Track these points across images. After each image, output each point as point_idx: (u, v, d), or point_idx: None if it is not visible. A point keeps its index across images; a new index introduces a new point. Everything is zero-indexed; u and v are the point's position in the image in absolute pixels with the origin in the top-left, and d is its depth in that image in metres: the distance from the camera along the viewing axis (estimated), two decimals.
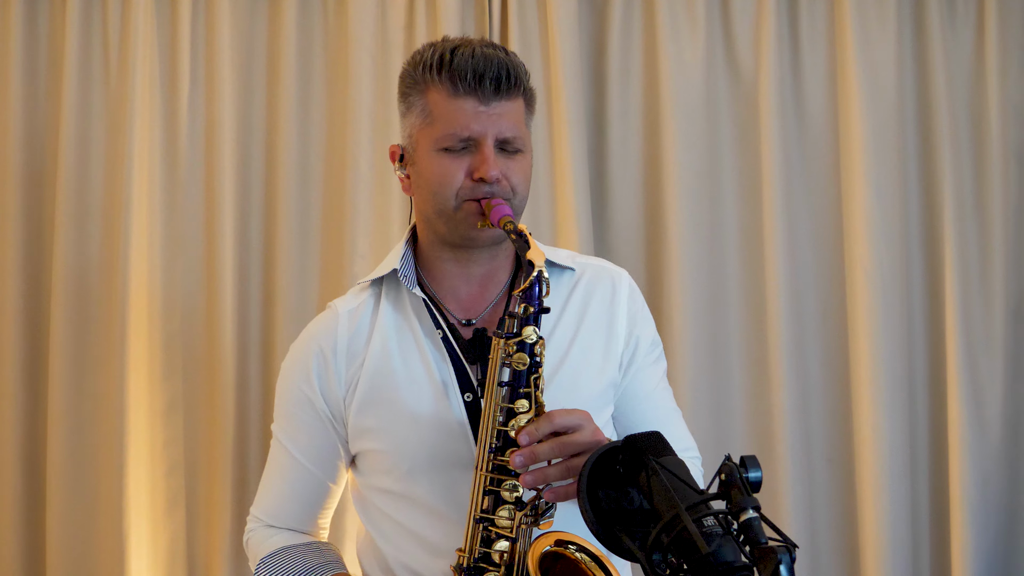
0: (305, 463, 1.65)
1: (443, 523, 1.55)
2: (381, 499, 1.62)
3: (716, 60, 2.64)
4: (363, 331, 1.62)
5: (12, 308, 2.50)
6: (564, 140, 2.52)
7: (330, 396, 1.61)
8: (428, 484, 1.56)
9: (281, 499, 1.69)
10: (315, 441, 1.64)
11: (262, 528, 1.70)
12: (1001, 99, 2.65)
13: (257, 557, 1.66)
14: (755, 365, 2.61)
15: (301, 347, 1.66)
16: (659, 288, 2.60)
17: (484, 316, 1.62)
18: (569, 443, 1.37)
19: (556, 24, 2.54)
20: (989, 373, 2.64)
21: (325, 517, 1.71)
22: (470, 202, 1.53)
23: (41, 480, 2.50)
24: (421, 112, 1.55)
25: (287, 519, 1.69)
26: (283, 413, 1.67)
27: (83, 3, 2.52)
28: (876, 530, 2.53)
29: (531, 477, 1.38)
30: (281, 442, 1.66)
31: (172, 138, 2.54)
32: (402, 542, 1.60)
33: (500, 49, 1.55)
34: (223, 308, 2.50)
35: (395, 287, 1.64)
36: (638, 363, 1.67)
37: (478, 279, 1.63)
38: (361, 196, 2.51)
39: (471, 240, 1.57)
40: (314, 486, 1.66)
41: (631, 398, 1.66)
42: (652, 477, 1.22)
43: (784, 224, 2.58)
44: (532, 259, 1.45)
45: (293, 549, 1.65)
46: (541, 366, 1.45)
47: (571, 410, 1.41)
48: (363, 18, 2.54)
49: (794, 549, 1.09)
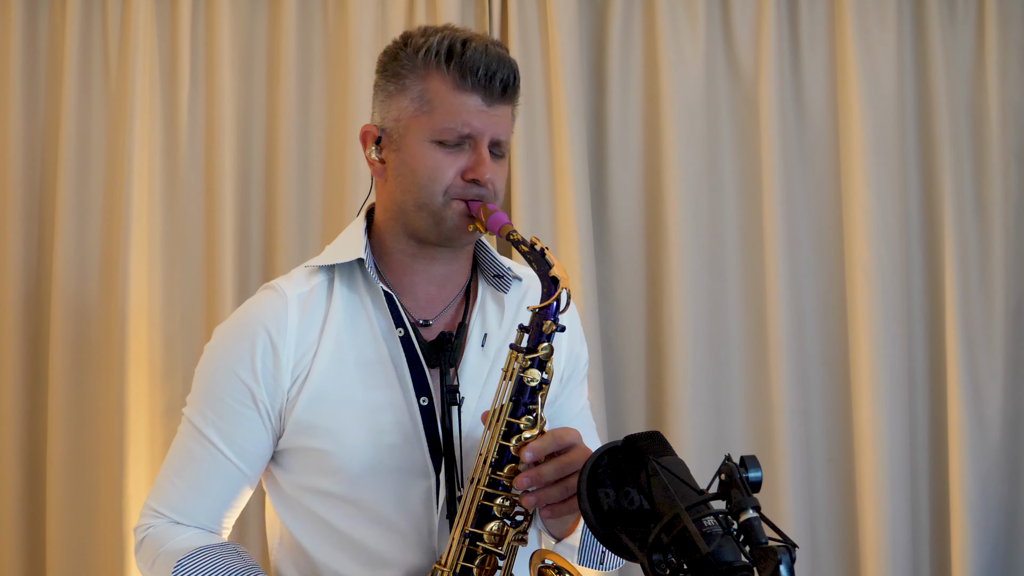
0: (231, 457, 1.50)
1: (389, 533, 1.48)
2: (315, 501, 1.51)
3: (716, 60, 2.64)
4: (315, 320, 1.50)
5: (12, 308, 2.50)
6: (564, 140, 2.52)
7: (274, 387, 1.48)
8: (377, 491, 1.48)
9: (193, 493, 1.52)
10: (247, 434, 1.49)
11: (166, 524, 1.53)
12: (1001, 99, 2.66)
13: (162, 556, 1.50)
14: (755, 365, 2.61)
15: (241, 330, 1.51)
16: (659, 288, 2.60)
17: (441, 318, 1.55)
18: (568, 463, 1.35)
19: (556, 24, 2.54)
20: (989, 372, 2.64)
21: (232, 517, 1.56)
22: (458, 201, 1.47)
23: (41, 480, 2.50)
24: (418, 98, 1.47)
25: (197, 517, 1.52)
26: (209, 401, 1.51)
27: (83, 3, 2.52)
28: (876, 530, 2.53)
29: (533, 498, 1.35)
30: (201, 431, 1.50)
31: (172, 138, 2.54)
32: (336, 551, 1.50)
33: (506, 50, 1.50)
34: (223, 308, 2.49)
35: (349, 275, 1.53)
36: (574, 381, 1.64)
37: (437, 279, 1.55)
38: (361, 196, 2.50)
39: (451, 240, 1.50)
40: (234, 482, 1.51)
41: (563, 415, 1.62)
42: (652, 477, 1.22)
43: (784, 224, 2.58)
44: (558, 276, 1.39)
45: (211, 550, 1.48)
46: (548, 384, 1.40)
47: (567, 429, 1.39)
48: (363, 18, 2.54)
49: (794, 549, 1.09)
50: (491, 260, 1.59)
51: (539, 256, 1.41)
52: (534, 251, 1.41)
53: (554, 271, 1.40)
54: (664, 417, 2.57)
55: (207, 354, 1.55)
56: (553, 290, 1.39)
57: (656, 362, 2.61)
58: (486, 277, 1.59)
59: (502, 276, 1.58)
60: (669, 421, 2.55)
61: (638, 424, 2.57)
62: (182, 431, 1.55)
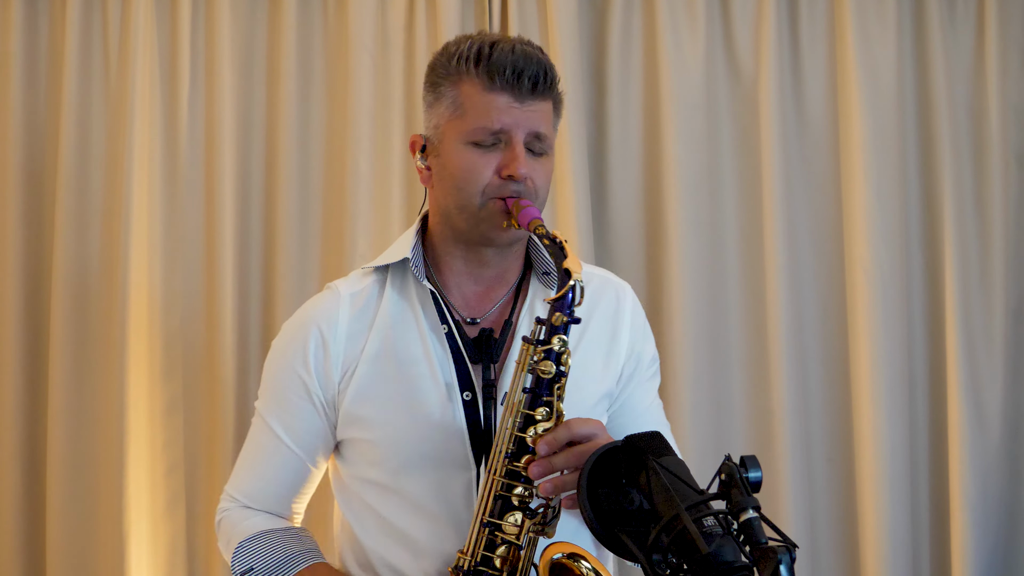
0: (291, 446, 1.60)
1: (430, 523, 1.53)
2: (366, 490, 1.58)
3: (716, 60, 2.64)
4: (366, 316, 1.58)
5: (12, 308, 2.49)
6: (564, 140, 2.52)
7: (326, 380, 1.57)
8: (419, 481, 1.53)
9: (262, 481, 1.64)
10: (304, 425, 1.59)
11: (238, 508, 1.65)
12: (1001, 99, 2.66)
13: (232, 539, 1.62)
14: (755, 365, 2.61)
15: (298, 326, 1.61)
16: (659, 288, 2.60)
17: (489, 316, 1.60)
18: (584, 452, 1.36)
19: (556, 24, 2.54)
20: (989, 372, 2.64)
21: (302, 502, 1.67)
22: (496, 200, 1.50)
23: (41, 480, 2.50)
24: (452, 103, 1.52)
25: (265, 501, 1.64)
26: (272, 393, 1.62)
27: (83, 3, 2.52)
28: (876, 530, 2.53)
29: (549, 485, 1.37)
30: (267, 422, 1.62)
31: (172, 138, 2.54)
32: (384, 538, 1.57)
33: (537, 48, 1.54)
34: (223, 308, 2.50)
35: (401, 276, 1.61)
36: (638, 378, 1.66)
37: (487, 279, 1.60)
38: (361, 196, 2.51)
39: (490, 239, 1.54)
40: (297, 470, 1.62)
41: (628, 412, 1.65)
42: (652, 477, 1.22)
43: (784, 224, 2.58)
44: (570, 268, 1.42)
45: (272, 534, 1.60)
46: (565, 376, 1.42)
47: (587, 419, 1.41)
48: (363, 18, 2.54)
49: (794, 549, 1.09)
50: (542, 258, 1.62)
51: (557, 249, 1.44)
52: (554, 244, 1.44)
53: (567, 263, 1.42)
54: None
55: (271, 351, 1.65)
56: (566, 281, 1.41)
57: None
58: (537, 275, 1.63)
59: (550, 273, 1.61)
60: (669, 421, 2.54)
61: None
62: (253, 422, 1.66)
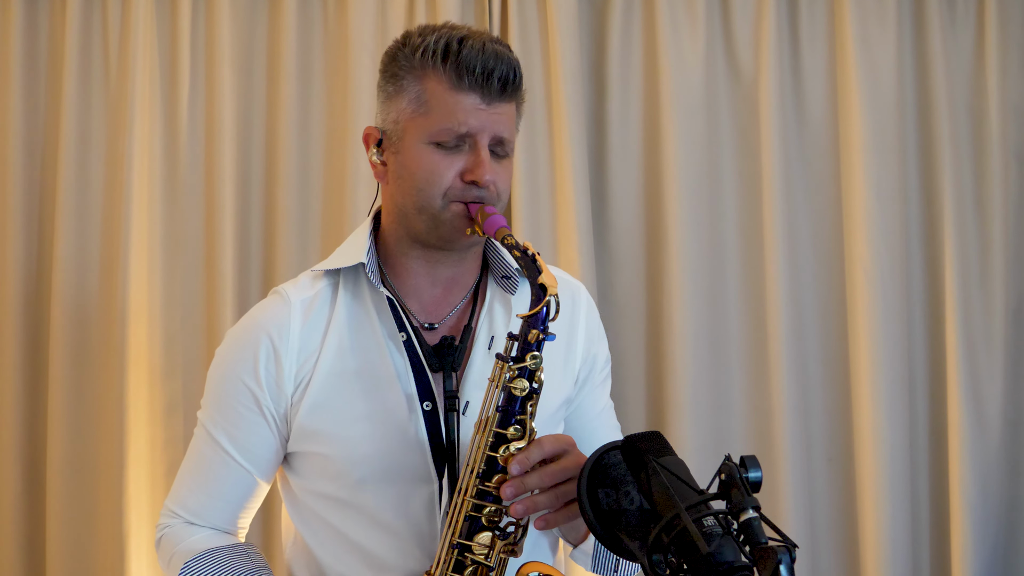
0: (240, 460, 1.52)
1: (391, 538, 1.48)
2: (321, 505, 1.52)
3: (716, 60, 2.64)
4: (318, 325, 1.49)
5: (12, 308, 2.50)
6: (564, 140, 2.52)
7: (278, 393, 1.48)
8: (379, 496, 1.47)
9: (207, 496, 1.55)
10: (254, 439, 1.51)
11: (181, 525, 1.56)
12: (1001, 99, 2.66)
13: (175, 557, 1.53)
14: (755, 365, 2.61)
15: (246, 335, 1.51)
16: (659, 288, 2.60)
17: (447, 321, 1.53)
18: (557, 471, 1.34)
19: (556, 24, 2.54)
20: (989, 372, 2.64)
21: (248, 517, 1.59)
22: (457, 204, 1.44)
23: (41, 480, 2.50)
24: (415, 99, 1.44)
25: (211, 518, 1.55)
26: (218, 405, 1.53)
27: (83, 3, 2.52)
28: (876, 530, 2.53)
29: (522, 506, 1.33)
30: (212, 435, 1.52)
31: (172, 138, 2.54)
32: (344, 554, 1.50)
33: (506, 47, 1.46)
34: (223, 308, 2.50)
35: (354, 280, 1.52)
36: (592, 382, 1.62)
37: (443, 281, 1.53)
38: (361, 196, 2.51)
39: (450, 243, 1.48)
40: (246, 485, 1.53)
41: (581, 415, 1.61)
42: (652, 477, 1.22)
43: (784, 224, 2.58)
44: (545, 284, 1.36)
45: (219, 552, 1.51)
46: (538, 393, 1.38)
47: (557, 436, 1.38)
48: (363, 18, 2.54)
49: (794, 549, 1.09)
50: (500, 261, 1.56)
51: (530, 262, 1.38)
52: (526, 256, 1.38)
53: (542, 278, 1.36)
54: (664, 417, 2.57)
55: (216, 359, 1.56)
56: (541, 297, 1.36)
57: (656, 362, 2.61)
58: (495, 278, 1.57)
59: (510, 277, 1.55)
60: (669, 421, 2.55)
61: (638, 424, 2.57)
62: (196, 433, 1.57)
